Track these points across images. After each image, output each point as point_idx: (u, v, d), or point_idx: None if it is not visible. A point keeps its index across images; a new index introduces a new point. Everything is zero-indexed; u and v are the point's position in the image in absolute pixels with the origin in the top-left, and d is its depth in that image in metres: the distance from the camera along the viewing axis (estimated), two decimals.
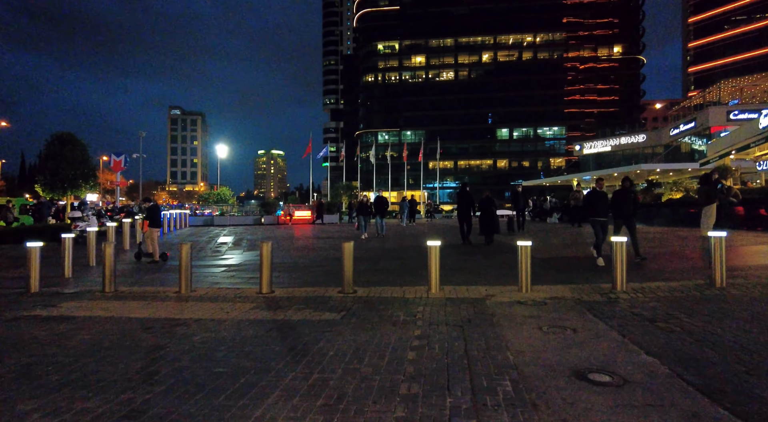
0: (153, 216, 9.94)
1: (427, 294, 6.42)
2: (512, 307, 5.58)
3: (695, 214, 12.93)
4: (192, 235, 17.63)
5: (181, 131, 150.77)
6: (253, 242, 14.04)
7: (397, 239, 14.73)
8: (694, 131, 44.49)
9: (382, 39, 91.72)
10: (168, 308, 5.98)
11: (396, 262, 9.86)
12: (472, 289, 6.70)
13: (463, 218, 12.58)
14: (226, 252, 11.91)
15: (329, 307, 5.81)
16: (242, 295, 6.74)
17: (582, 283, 6.92)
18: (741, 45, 57.82)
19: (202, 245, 13.42)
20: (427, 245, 6.62)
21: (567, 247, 11.64)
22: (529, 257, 6.39)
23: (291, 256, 11.15)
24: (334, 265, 9.56)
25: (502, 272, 8.38)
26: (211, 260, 10.81)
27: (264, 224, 24.73)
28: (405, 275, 8.23)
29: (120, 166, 22.49)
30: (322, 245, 13.32)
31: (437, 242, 6.60)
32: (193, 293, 6.90)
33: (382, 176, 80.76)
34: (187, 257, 7.01)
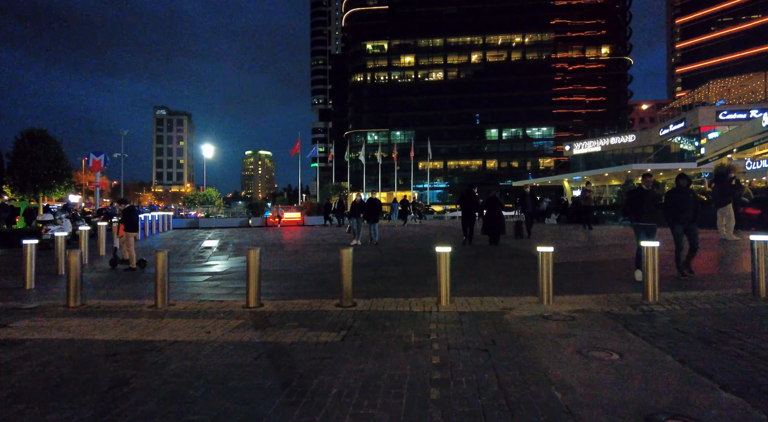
0: (129, 219, 9.05)
1: (437, 307, 5.70)
2: (537, 323, 4.89)
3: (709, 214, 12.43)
4: (175, 239, 16.66)
5: (167, 132, 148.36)
6: (240, 247, 13.19)
7: (395, 243, 13.97)
8: (683, 131, 44.61)
9: (371, 38, 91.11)
10: (140, 326, 5.17)
11: (397, 268, 9.12)
12: (486, 300, 6.00)
13: (468, 218, 12.54)
14: (210, 258, 11.04)
15: (327, 325, 5.05)
16: (227, 309, 5.94)
17: (606, 292, 6.27)
18: (728, 46, 58.39)
19: (184, 250, 12.53)
20: (436, 251, 5.89)
21: (579, 251, 10.95)
22: (551, 266, 5.71)
23: (281, 262, 10.33)
24: (329, 272, 8.83)
25: (513, 279, 7.71)
26: (193, 267, 9.95)
27: (251, 227, 23.80)
28: (408, 284, 7.50)
29: (99, 166, 21.37)
30: (314, 250, 12.50)
31: (447, 248, 5.88)
32: (171, 308, 6.08)
33: (371, 177, 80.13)
34: (163, 265, 6.19)
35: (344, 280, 5.91)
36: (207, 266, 9.86)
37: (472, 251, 10.98)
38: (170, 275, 8.91)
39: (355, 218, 13.65)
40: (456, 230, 18.79)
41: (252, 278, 6.04)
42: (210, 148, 47.63)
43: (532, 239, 13.07)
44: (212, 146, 48.70)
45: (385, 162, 78.72)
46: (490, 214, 12.30)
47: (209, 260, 10.68)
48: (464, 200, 12.88)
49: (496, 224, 12.23)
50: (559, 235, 15.00)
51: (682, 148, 47.63)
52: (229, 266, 9.93)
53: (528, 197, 14.13)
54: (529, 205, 14.07)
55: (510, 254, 10.49)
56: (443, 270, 5.82)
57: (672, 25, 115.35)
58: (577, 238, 13.92)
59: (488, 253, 10.85)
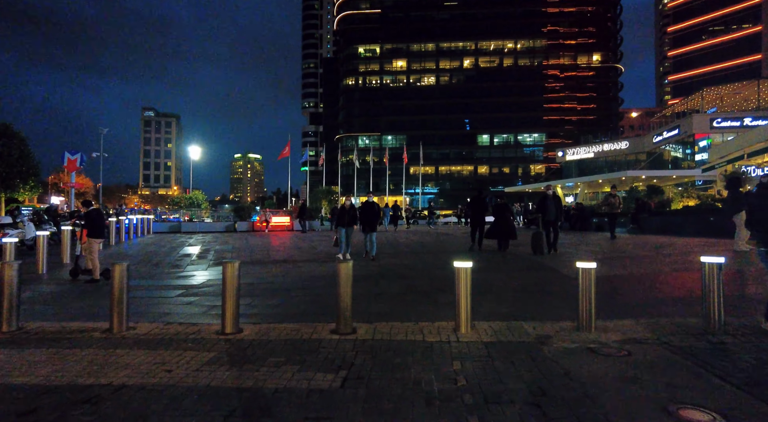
0: (93, 224, 7.90)
1: (455, 336, 4.67)
2: (586, 359, 3.89)
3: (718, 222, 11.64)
4: (152, 244, 15.40)
5: (155, 133, 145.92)
6: (222, 254, 11.99)
7: (392, 251, 12.88)
8: (677, 139, 44.43)
9: (363, 42, 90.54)
10: (83, 362, 4.05)
11: (400, 282, 8.03)
12: (514, 326, 4.99)
13: (476, 224, 12.30)
14: (187, 267, 9.88)
15: (322, 361, 3.99)
16: (198, 336, 4.84)
17: (654, 315, 5.31)
18: (718, 55, 58.74)
19: (159, 258, 11.33)
20: (455, 266, 4.87)
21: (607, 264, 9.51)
22: (593, 286, 4.72)
23: (267, 273, 9.21)
24: (321, 286, 7.75)
25: (536, 297, 6.71)
26: (166, 278, 8.80)
27: (237, 232, 22.56)
28: (416, 303, 6.46)
29: (75, 165, 19.97)
30: (305, 259, 11.34)
31: (467, 263, 4.86)
32: (130, 333, 4.97)
33: (362, 181, 79.13)
34: (121, 281, 5.08)
35: (342, 301, 4.86)
36: (182, 278, 8.70)
37: (484, 262, 9.94)
38: (138, 289, 7.81)
39: (343, 228, 10.51)
40: (452, 237, 17.90)
41: (229, 298, 4.95)
42: (197, 149, 46.19)
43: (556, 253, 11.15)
44: (199, 147, 47.24)
45: (376, 167, 77.93)
46: (499, 220, 11.86)
47: (185, 271, 9.51)
48: (473, 205, 12.50)
49: (506, 231, 11.80)
50: (576, 245, 13.53)
51: (674, 155, 47.52)
52: (208, 277, 8.80)
53: (550, 200, 11.05)
54: (553, 211, 10.95)
55: (527, 267, 9.46)
56: (463, 290, 4.80)
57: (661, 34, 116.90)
58: (600, 248, 12.32)
59: (502, 264, 9.82)
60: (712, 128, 40.82)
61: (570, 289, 7.12)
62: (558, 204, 11.13)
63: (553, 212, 11.03)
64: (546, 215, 11.10)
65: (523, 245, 12.70)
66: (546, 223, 11.07)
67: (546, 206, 11.11)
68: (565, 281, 7.76)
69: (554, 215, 11.04)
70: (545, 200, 11.18)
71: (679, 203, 17.40)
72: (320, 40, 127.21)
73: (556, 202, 11.13)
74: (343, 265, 4.93)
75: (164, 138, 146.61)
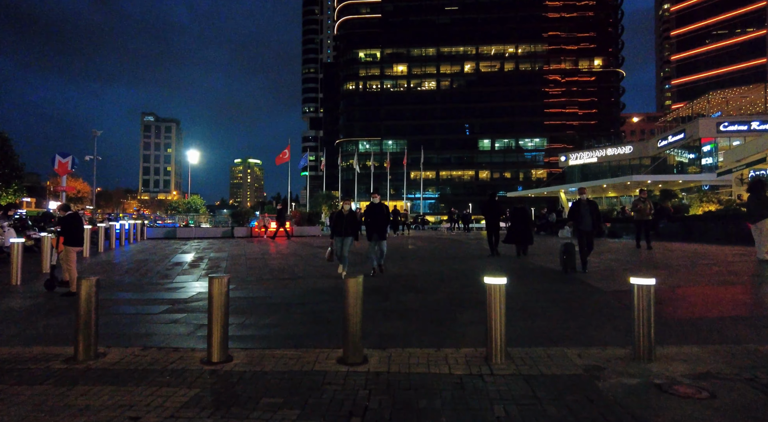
0: (70, 230, 7.10)
1: (488, 366, 3.87)
2: (660, 403, 3.09)
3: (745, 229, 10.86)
4: (143, 252, 14.56)
5: (155, 138, 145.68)
6: (217, 263, 11.17)
7: (399, 260, 11.90)
8: (683, 143, 43.76)
9: (364, 47, 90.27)
10: (29, 404, 3.26)
11: (412, 296, 7.15)
12: (554, 353, 4.19)
13: (492, 228, 11.95)
14: (177, 278, 9.07)
15: (327, 403, 3.20)
16: (178, 365, 4.05)
17: (720, 340, 4.51)
18: (723, 58, 58.26)
19: (149, 267, 10.51)
20: (486, 282, 4.08)
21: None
22: (652, 306, 3.93)
23: (264, 286, 8.34)
24: (324, 301, 6.93)
25: (569, 314, 5.90)
26: (153, 290, 7.98)
27: (235, 238, 21.76)
28: (433, 321, 5.64)
29: (66, 168, 19.19)
30: (306, 269, 10.20)
31: (501, 280, 4.06)
32: (97, 362, 4.17)
33: (362, 186, 78.45)
34: (88, 299, 4.30)
35: (350, 325, 4.06)
36: (170, 291, 7.88)
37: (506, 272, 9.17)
38: (118, 304, 6.98)
39: (340, 237, 8.64)
40: (458, 243, 17.04)
41: (216, 321, 4.15)
42: (195, 154, 45.44)
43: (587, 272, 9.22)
44: (197, 151, 46.52)
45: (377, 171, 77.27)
46: (517, 225, 11.48)
47: (174, 282, 8.69)
48: (488, 210, 12.10)
49: (524, 235, 11.55)
50: (598, 253, 11.54)
51: (679, 160, 46.88)
52: (199, 290, 7.99)
53: (585, 206, 9.01)
54: (588, 219, 8.90)
55: (552, 279, 8.53)
56: (497, 312, 4.00)
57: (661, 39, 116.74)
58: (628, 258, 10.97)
59: (524, 275, 8.84)
60: (718, 132, 40.19)
61: (608, 306, 6.35)
62: (594, 210, 9.08)
63: (589, 221, 8.95)
64: (580, 223, 9.03)
65: (544, 254, 11.90)
66: (580, 234, 9.06)
67: (579, 213, 9.06)
68: (599, 296, 6.93)
69: (590, 224, 8.98)
70: (578, 205, 9.19)
71: (698, 208, 16.62)
72: (320, 45, 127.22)
73: (591, 208, 9.07)
74: (351, 281, 4.14)
75: (164, 143, 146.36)
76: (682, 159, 46.93)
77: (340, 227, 8.59)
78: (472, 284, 7.82)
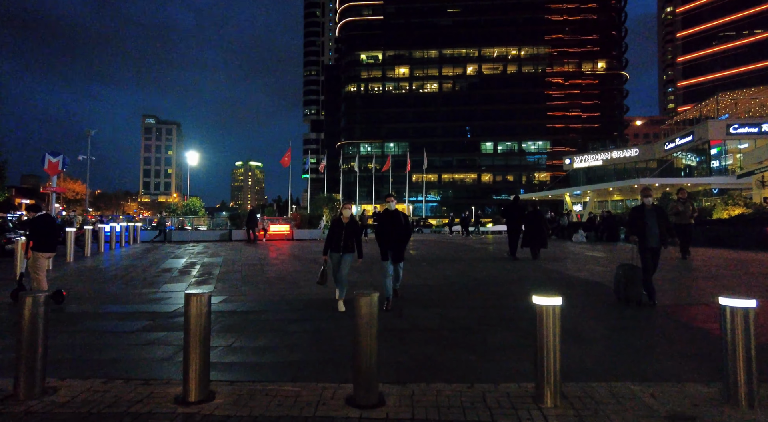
0: (38, 234, 6.24)
1: (540, 411, 3.01)
2: None
3: None
4: (132, 256, 13.62)
5: (156, 140, 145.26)
6: (209, 269, 10.25)
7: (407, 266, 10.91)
8: (691, 145, 42.91)
9: (365, 49, 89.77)
10: None
11: (429, 312, 6.11)
12: (620, 390, 3.32)
13: (514, 231, 11.66)
14: (163, 287, 8.19)
15: None
16: (144, 409, 3.18)
17: None
18: (729, 60, 57.46)
19: (135, 274, 9.61)
20: (536, 303, 3.22)
21: (692, 289, 7.55)
22: (752, 335, 3.06)
23: (258, 297, 7.36)
24: (328, 318, 6.01)
25: (622, 336, 5.00)
26: (134, 301, 7.08)
27: (232, 241, 20.88)
28: (459, 344, 4.73)
29: (57, 168, 18.28)
30: (306, 276, 9.17)
31: (554, 300, 3.19)
32: (40, 403, 3.31)
33: (364, 189, 77.72)
34: (34, 320, 3.44)
35: (363, 358, 3.19)
36: (153, 302, 6.99)
37: (536, 284, 8.24)
38: (90, 319, 5.97)
39: (337, 253, 6.40)
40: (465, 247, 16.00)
41: (193, 350, 3.29)
42: (194, 155, 44.72)
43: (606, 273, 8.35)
44: (197, 152, 45.77)
45: (378, 174, 76.55)
46: (533, 228, 11.25)
47: (160, 291, 7.80)
48: (509, 213, 11.95)
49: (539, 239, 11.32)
50: None
51: (686, 163, 46.06)
52: None
53: (651, 215, 6.28)
54: (654, 231, 6.22)
55: (594, 291, 7.50)
56: (550, 341, 3.13)
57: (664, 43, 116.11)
58: (673, 268, 9.47)
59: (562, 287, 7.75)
60: (728, 134, 39.35)
61: (666, 325, 5.44)
62: (663, 219, 6.34)
63: (656, 234, 6.22)
64: (646, 239, 6.23)
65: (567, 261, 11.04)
66: (645, 251, 6.27)
67: (645, 224, 6.26)
68: (650, 314, 6.01)
69: (658, 239, 6.25)
70: (642, 213, 6.33)
71: (722, 212, 15.73)
72: (322, 47, 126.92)
73: (659, 216, 6.30)
74: (364, 300, 3.27)
75: (165, 145, 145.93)
76: (690, 162, 46.10)
77: (337, 240, 6.35)
78: (495, 297, 6.96)
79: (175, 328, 5.56)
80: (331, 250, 6.44)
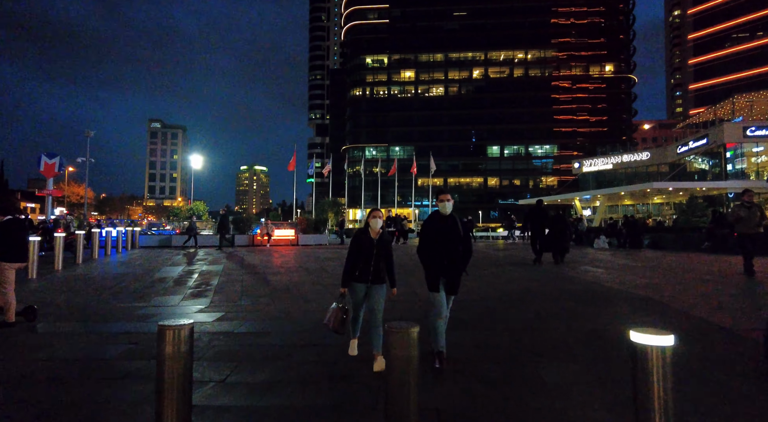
0: (4, 241, 5.40)
1: None
2: None
3: None
4: (127, 263, 12.67)
5: (161, 145, 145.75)
6: (208, 278, 9.27)
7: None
8: (705, 149, 41.81)
9: (371, 52, 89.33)
10: None
11: (463, 336, 4.97)
12: None
13: (537, 236, 11.67)
14: (154, 299, 7.33)
15: None
16: None
17: None
18: (742, 62, 56.39)
19: (125, 284, 8.70)
20: (634, 342, 2.32)
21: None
22: None
23: (261, 314, 6.35)
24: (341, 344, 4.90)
25: (713, 377, 4.07)
26: (118, 319, 6.13)
27: (235, 246, 20.06)
28: (508, 379, 3.83)
29: (53, 170, 17.66)
30: (314, 289, 7.99)
31: (664, 339, 2.29)
32: None
33: (369, 193, 76.96)
34: None
35: (397, 415, 2.31)
36: (139, 320, 6.08)
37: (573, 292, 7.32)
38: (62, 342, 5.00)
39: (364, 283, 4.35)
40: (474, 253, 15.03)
41: (168, 408, 2.43)
42: (199, 158, 44.16)
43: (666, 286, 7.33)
44: (201, 156, 45.20)
45: (384, 178, 75.73)
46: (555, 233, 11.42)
47: (150, 306, 6.92)
48: (532, 216, 11.98)
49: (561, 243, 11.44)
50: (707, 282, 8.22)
51: (698, 167, 44.94)
52: (177, 319, 6.27)
53: None
54: None
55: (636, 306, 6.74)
56: (659, 398, 2.24)
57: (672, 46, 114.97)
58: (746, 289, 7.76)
59: (608, 299, 6.91)
60: (745, 137, 38.29)
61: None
62: None
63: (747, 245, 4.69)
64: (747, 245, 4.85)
65: (617, 280, 9.99)
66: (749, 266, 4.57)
67: None
68: (735, 340, 4.91)
69: None
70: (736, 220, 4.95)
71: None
72: (327, 51, 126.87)
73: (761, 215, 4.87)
74: (398, 339, 2.39)
75: (170, 149, 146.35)
76: (703, 166, 45.00)
77: (366, 265, 4.31)
78: (535, 315, 6.01)
79: None
80: (357, 280, 4.34)
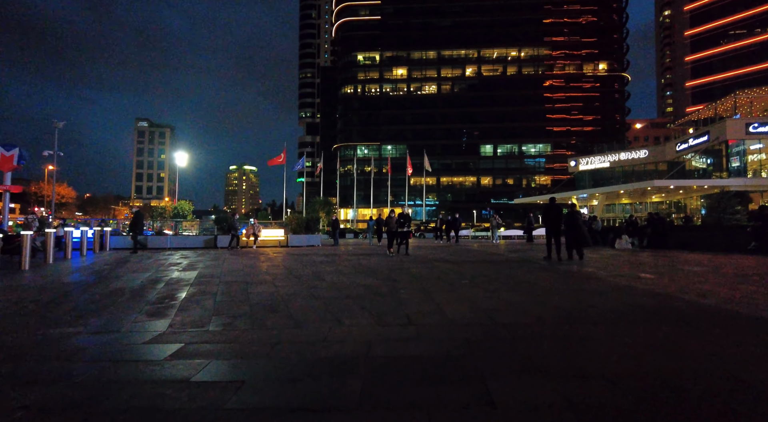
0: None
1: None
2: None
3: None
4: (86, 268, 10.85)
5: (149, 144, 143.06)
6: (175, 289, 7.47)
7: (447, 285, 8.57)
8: (707, 146, 40.91)
9: (362, 49, 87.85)
10: None
11: (546, 390, 2.76)
12: None
13: (552, 233, 11.73)
14: (96, 319, 5.58)
15: None
16: None
17: None
18: (740, 59, 55.81)
19: (70, 297, 6.89)
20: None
21: None
22: None
23: (235, 348, 3.89)
24: (356, 408, 2.89)
25: None
26: (41, 350, 4.42)
27: (218, 248, 18.28)
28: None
29: (11, 164, 15.76)
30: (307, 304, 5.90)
31: None
32: None
33: (361, 192, 75.30)
34: None
35: None
36: (58, 360, 4.33)
37: (635, 312, 5.74)
38: None
39: None
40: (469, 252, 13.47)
41: None
42: (183, 156, 42.16)
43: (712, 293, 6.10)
44: (186, 153, 43.19)
45: (376, 177, 74.08)
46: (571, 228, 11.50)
47: (85, 333, 5.16)
48: (547, 214, 11.69)
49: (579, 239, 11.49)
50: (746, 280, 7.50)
51: (696, 165, 44.11)
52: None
53: None
54: None
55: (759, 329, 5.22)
56: None
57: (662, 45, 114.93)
58: None
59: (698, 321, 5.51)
60: (747, 134, 37.48)
61: None
62: None
63: None
64: None
65: (692, 291, 8.41)
66: None
67: None
68: None
69: None
70: None
71: None
72: (318, 49, 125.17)
73: None
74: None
75: (158, 149, 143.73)
76: (702, 164, 44.17)
77: None
78: (626, 346, 4.42)
79: None
80: None
